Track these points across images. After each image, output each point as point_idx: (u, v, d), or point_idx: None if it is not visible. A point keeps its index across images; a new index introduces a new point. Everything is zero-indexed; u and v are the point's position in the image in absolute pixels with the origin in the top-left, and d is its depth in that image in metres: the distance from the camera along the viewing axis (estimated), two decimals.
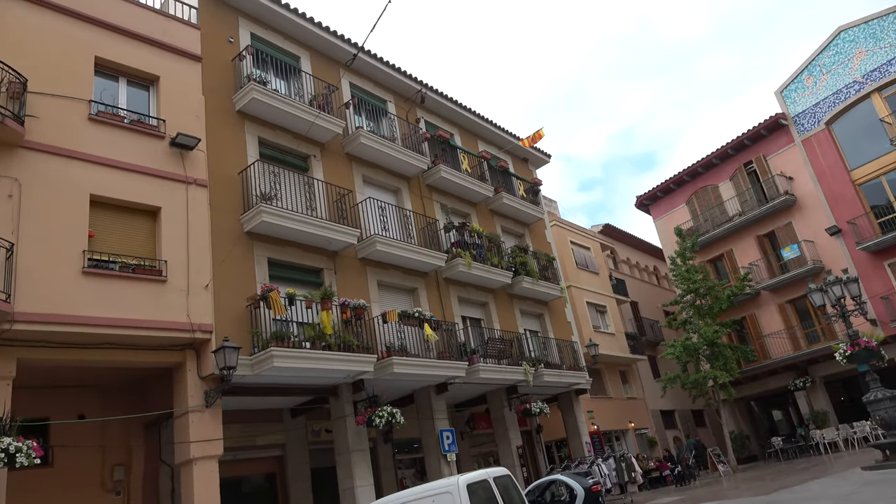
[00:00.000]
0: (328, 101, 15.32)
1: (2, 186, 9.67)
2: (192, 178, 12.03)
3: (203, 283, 11.41)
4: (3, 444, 8.10)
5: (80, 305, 9.86)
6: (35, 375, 10.13)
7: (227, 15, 14.60)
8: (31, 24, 10.96)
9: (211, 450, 10.76)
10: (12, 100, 10.07)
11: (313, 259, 13.85)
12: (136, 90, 12.42)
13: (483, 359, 16.38)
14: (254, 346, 11.62)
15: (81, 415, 11.60)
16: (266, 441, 14.80)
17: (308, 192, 14.24)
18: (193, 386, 10.99)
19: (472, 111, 21.27)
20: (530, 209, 22.02)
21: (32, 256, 9.59)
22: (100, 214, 10.71)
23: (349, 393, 13.68)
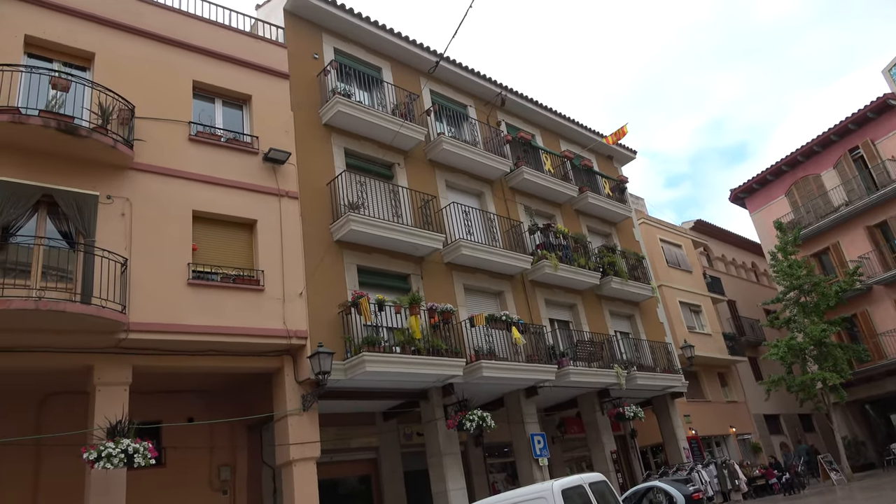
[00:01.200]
0: (410, 109, 15.57)
1: (115, 206, 10.44)
2: (284, 190, 12.55)
3: (297, 290, 11.86)
4: (123, 446, 8.72)
5: (186, 315, 10.49)
6: (148, 381, 10.83)
7: (312, 32, 15.14)
8: (136, 54, 11.79)
9: (309, 452, 11.14)
10: (122, 126, 10.87)
11: (400, 265, 14.09)
12: (230, 110, 13.11)
13: (573, 362, 16.10)
14: (346, 352, 11.94)
15: (190, 417, 12.31)
16: (360, 444, 15.18)
17: (393, 199, 14.51)
18: (291, 390, 11.43)
19: (553, 111, 21.02)
20: (617, 207, 21.48)
21: (143, 270, 10.29)
22: (202, 228, 11.36)
23: (439, 397, 13.80)
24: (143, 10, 12.31)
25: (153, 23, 12.28)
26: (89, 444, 8.99)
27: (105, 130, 10.33)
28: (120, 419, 9.27)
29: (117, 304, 9.63)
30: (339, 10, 15.25)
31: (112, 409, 9.53)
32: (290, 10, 14.83)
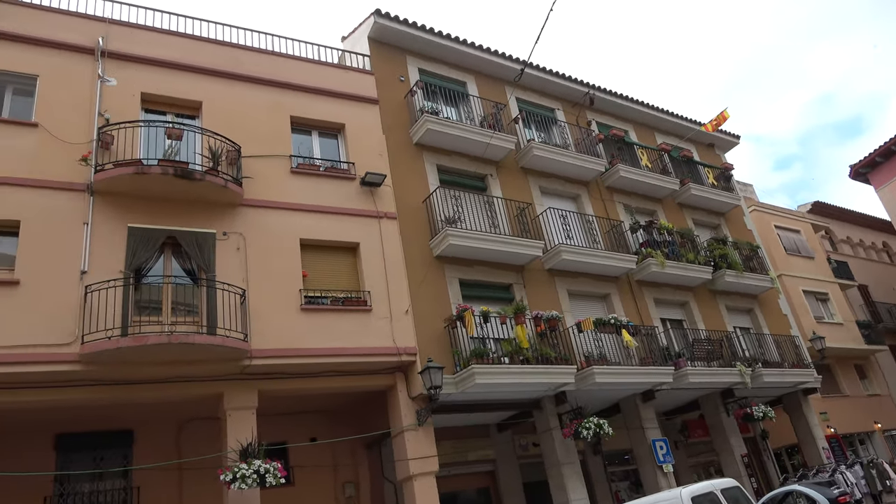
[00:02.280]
0: (497, 119, 15.61)
1: (231, 241, 11.14)
2: (382, 212, 12.92)
3: (403, 308, 12.12)
4: (255, 466, 9.21)
5: (301, 339, 10.98)
6: (272, 404, 11.41)
7: (396, 56, 15.56)
8: (238, 98, 12.61)
9: (428, 466, 11.29)
10: (231, 166, 11.62)
11: (501, 275, 14.07)
12: (326, 140, 13.70)
13: (690, 362, 15.37)
14: (455, 365, 12.03)
15: (313, 437, 12.83)
16: (476, 456, 15.19)
17: (489, 210, 14.55)
18: (405, 406, 11.66)
19: (645, 104, 20.37)
20: (723, 197, 20.42)
21: (260, 299, 10.89)
22: (309, 255, 11.89)
23: (552, 405, 13.59)
24: (240, 56, 13.16)
25: (251, 67, 13.09)
26: (224, 466, 9.57)
27: (216, 172, 11.08)
28: (250, 441, 9.81)
29: (240, 333, 10.23)
30: (421, 31, 15.59)
31: (242, 432, 10.10)
32: (374, 37, 15.33)
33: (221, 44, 13.14)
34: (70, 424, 11.18)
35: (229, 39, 13.38)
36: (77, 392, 9.61)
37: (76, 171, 10.42)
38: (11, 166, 10.08)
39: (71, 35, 11.57)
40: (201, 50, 12.78)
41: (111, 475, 11.40)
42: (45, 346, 9.18)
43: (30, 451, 10.88)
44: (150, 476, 11.23)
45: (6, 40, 11.02)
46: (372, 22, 15.15)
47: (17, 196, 9.93)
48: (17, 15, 11.32)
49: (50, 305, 9.43)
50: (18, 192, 9.95)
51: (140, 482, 11.32)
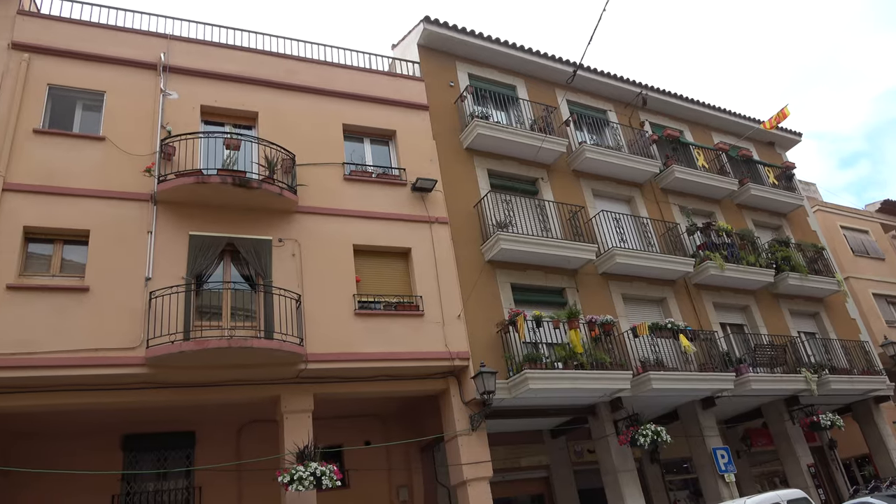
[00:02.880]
0: (548, 122, 15.49)
1: (286, 248, 11.40)
2: (434, 217, 12.98)
3: (455, 313, 12.13)
4: (311, 469, 9.37)
5: (355, 343, 11.12)
6: (328, 407, 11.59)
7: (446, 62, 15.64)
8: (292, 108, 12.92)
9: (481, 471, 11.24)
10: (286, 174, 11.89)
11: (554, 279, 13.93)
12: (378, 146, 13.87)
13: (752, 368, 14.85)
14: (508, 370, 11.96)
15: (367, 441, 12.97)
16: (530, 462, 15.05)
17: (540, 214, 14.44)
18: (458, 410, 11.65)
19: (700, 103, 19.84)
20: (785, 197, 19.69)
21: (315, 304, 11.09)
22: (362, 260, 12.05)
23: (608, 412, 13.35)
24: (295, 67, 13.48)
25: (305, 77, 13.39)
26: (282, 468, 9.77)
27: (272, 180, 11.36)
28: (307, 444, 9.99)
29: (296, 337, 10.44)
30: (469, 36, 15.63)
31: (299, 434, 10.30)
32: (423, 44, 15.46)
33: (276, 56, 13.49)
34: (136, 425, 11.62)
35: (283, 51, 13.73)
36: (142, 394, 9.99)
37: (141, 182, 10.86)
38: (81, 178, 10.59)
39: (135, 52, 12.09)
40: (257, 62, 13.15)
41: (174, 475, 11.79)
42: (113, 350, 9.57)
43: (99, 451, 11.36)
44: (211, 476, 11.56)
45: (77, 59, 11.60)
46: (421, 29, 15.29)
47: (87, 206, 10.42)
48: (87, 35, 11.90)
49: (117, 311, 9.84)
50: (88, 203, 10.44)
51: (202, 482, 11.67)
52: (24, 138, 10.58)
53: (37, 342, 9.24)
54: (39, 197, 10.23)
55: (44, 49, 11.43)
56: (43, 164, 10.49)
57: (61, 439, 11.21)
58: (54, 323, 9.44)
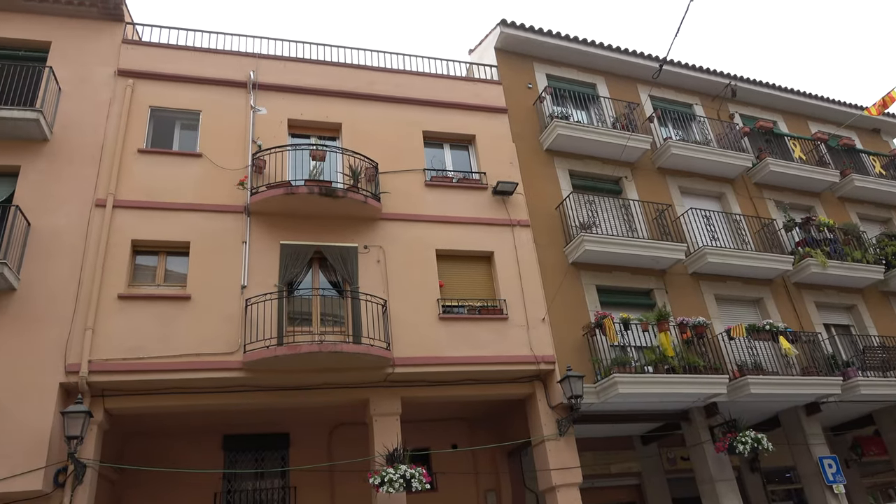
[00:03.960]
0: (631, 119, 15.09)
1: (371, 254, 11.66)
2: (515, 220, 12.92)
3: (540, 316, 12.01)
4: (401, 471, 9.50)
5: (440, 347, 11.21)
6: (415, 411, 11.72)
7: (523, 64, 15.56)
8: (374, 117, 13.24)
9: (570, 477, 11.05)
10: (369, 182, 12.17)
11: (641, 280, 13.53)
12: (457, 151, 13.97)
13: (861, 372, 13.84)
14: (596, 374, 11.71)
15: (454, 444, 13.03)
16: (620, 469, 14.65)
17: (625, 213, 14.08)
18: (545, 415, 11.51)
19: (794, 91, 18.74)
20: (894, 187, 18.27)
21: (400, 309, 11.28)
22: (445, 265, 12.15)
23: (702, 417, 12.81)
24: (374, 77, 13.80)
25: (384, 87, 13.69)
26: (373, 470, 9.97)
27: (356, 189, 11.65)
28: (396, 447, 10.15)
29: (383, 342, 10.65)
30: (547, 37, 15.48)
31: (388, 437, 10.49)
32: (500, 47, 15.45)
33: (356, 67, 13.86)
34: (235, 427, 12.19)
35: (363, 63, 14.09)
36: (241, 397, 10.47)
37: (235, 195, 11.43)
38: (181, 193, 11.26)
39: (227, 72, 12.75)
40: (338, 75, 13.55)
41: (271, 475, 12.27)
42: (213, 355, 10.09)
43: (202, 451, 12.00)
44: (304, 477, 11.95)
45: (175, 81, 12.36)
46: (498, 32, 15.28)
47: (187, 220, 11.07)
48: (183, 58, 12.67)
49: (216, 318, 10.37)
50: (188, 216, 11.09)
51: (296, 482, 12.09)
52: (130, 158, 11.36)
53: (145, 348, 9.88)
54: (145, 212, 10.95)
55: (146, 74, 12.25)
56: (147, 182, 11.23)
57: (168, 439, 11.91)
58: (160, 330, 10.06)
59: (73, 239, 10.38)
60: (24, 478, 8.65)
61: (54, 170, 10.87)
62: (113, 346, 9.78)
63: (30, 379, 9.25)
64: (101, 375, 9.58)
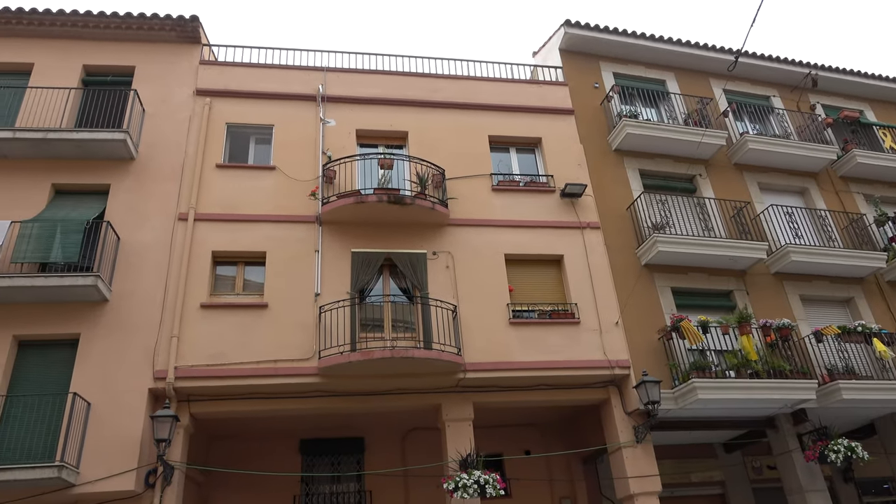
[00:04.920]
0: (704, 115, 14.58)
1: (440, 260, 11.72)
2: (585, 222, 12.70)
3: (613, 320, 11.74)
4: (475, 477, 9.47)
5: (511, 353, 11.13)
6: (487, 416, 11.67)
7: (589, 64, 15.31)
8: (439, 124, 13.35)
9: (649, 486, 10.72)
10: (436, 188, 12.26)
11: (719, 282, 13.01)
12: (524, 155, 13.88)
13: None
14: (673, 379, 11.33)
15: (527, 450, 12.89)
16: (701, 478, 14.10)
17: (700, 212, 13.60)
18: (621, 421, 11.21)
19: (882, 77, 17.61)
20: None
21: (470, 314, 11.28)
22: (514, 269, 12.07)
23: (789, 424, 12.17)
24: (439, 85, 13.92)
25: (449, 93, 13.79)
26: (447, 475, 9.98)
27: (424, 195, 11.76)
28: (469, 452, 10.13)
29: (453, 347, 10.67)
30: (613, 35, 15.20)
31: (461, 442, 10.49)
32: (565, 48, 15.27)
33: (421, 76, 14.02)
34: (312, 431, 12.48)
35: (427, 71, 14.23)
36: (316, 402, 10.71)
37: (307, 205, 11.75)
38: (258, 205, 11.68)
39: (297, 86, 13.18)
40: (403, 84, 13.75)
41: (347, 478, 12.49)
42: (290, 361, 10.39)
43: (281, 454, 12.34)
44: (379, 481, 12.12)
45: (249, 98, 12.87)
46: (562, 33, 15.12)
47: (263, 230, 11.47)
48: (256, 76, 13.20)
49: (292, 325, 10.68)
50: (264, 227, 11.49)
51: (371, 486, 12.25)
52: (209, 173, 11.88)
53: (226, 354, 10.28)
54: (223, 224, 11.43)
55: (222, 92, 12.82)
56: (225, 195, 11.72)
57: (249, 442, 12.33)
58: (239, 337, 10.45)
59: (158, 251, 10.94)
60: (119, 478, 9.14)
61: (140, 187, 11.50)
62: (197, 353, 10.23)
63: (122, 385, 9.80)
64: (186, 381, 10.03)
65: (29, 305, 10.12)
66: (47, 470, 8.57)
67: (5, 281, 9.73)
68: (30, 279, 9.83)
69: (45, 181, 11.29)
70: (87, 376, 9.75)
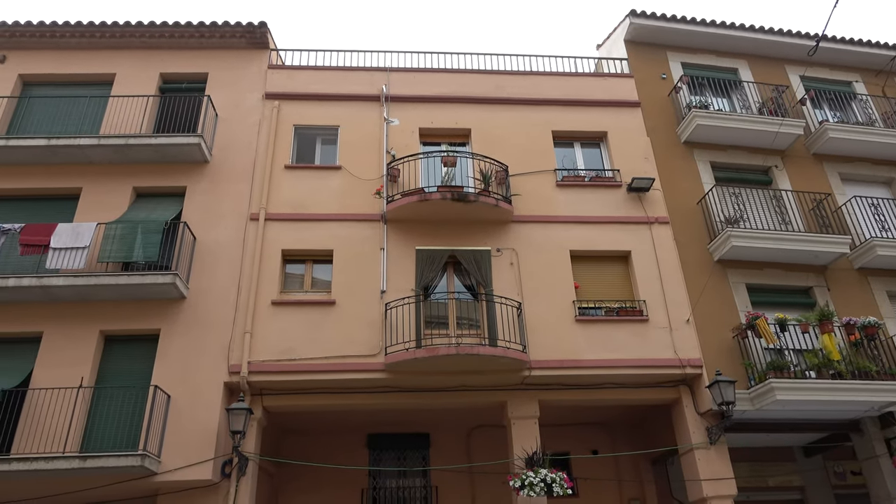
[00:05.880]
0: (779, 103, 13.94)
1: (504, 257, 11.67)
2: (653, 217, 12.37)
3: (683, 317, 11.39)
4: (541, 475, 9.38)
5: (577, 350, 10.96)
6: (553, 414, 11.55)
7: (655, 54, 14.89)
8: (502, 120, 13.29)
9: (723, 489, 10.35)
10: (500, 185, 12.21)
11: (798, 277, 12.41)
12: (588, 150, 13.63)
13: None
14: (749, 379, 10.89)
15: (595, 450, 12.67)
16: (778, 482, 13.47)
17: (776, 205, 13.01)
18: (693, 422, 10.87)
19: None
20: None
21: (535, 311, 11.18)
22: (580, 266, 11.87)
23: (876, 428, 11.50)
24: (502, 81, 13.85)
25: (512, 90, 13.70)
26: (513, 473, 9.93)
27: (488, 193, 11.73)
28: (535, 450, 10.05)
29: (518, 344, 10.60)
30: (681, 23, 14.72)
31: (526, 440, 10.42)
32: (630, 39, 14.91)
33: (483, 73, 13.98)
34: (378, 426, 12.67)
35: (490, 67, 14.18)
36: (383, 397, 10.87)
37: (372, 204, 11.93)
38: (325, 204, 11.95)
39: (362, 87, 13.39)
40: (466, 81, 13.75)
41: (413, 473, 12.62)
42: (357, 357, 10.58)
43: (349, 449, 12.57)
44: (444, 477, 12.19)
45: (315, 100, 13.17)
46: (627, 24, 14.76)
47: (330, 229, 11.71)
48: (322, 78, 13.50)
49: (359, 321, 10.87)
50: (331, 226, 11.73)
51: (437, 482, 12.34)
52: (278, 174, 12.23)
53: (296, 350, 10.56)
54: (292, 224, 11.74)
55: (289, 95, 13.17)
56: (293, 195, 12.04)
57: (319, 436, 12.63)
58: (308, 333, 10.71)
59: (231, 250, 11.34)
60: (197, 468, 9.54)
61: (214, 188, 11.95)
62: (268, 349, 10.55)
63: (199, 378, 10.22)
64: (259, 375, 10.37)
65: (113, 302, 10.69)
66: (131, 458, 9.02)
67: (93, 279, 10.31)
68: (114, 277, 10.38)
69: (127, 185, 11.89)
70: (166, 370, 10.22)
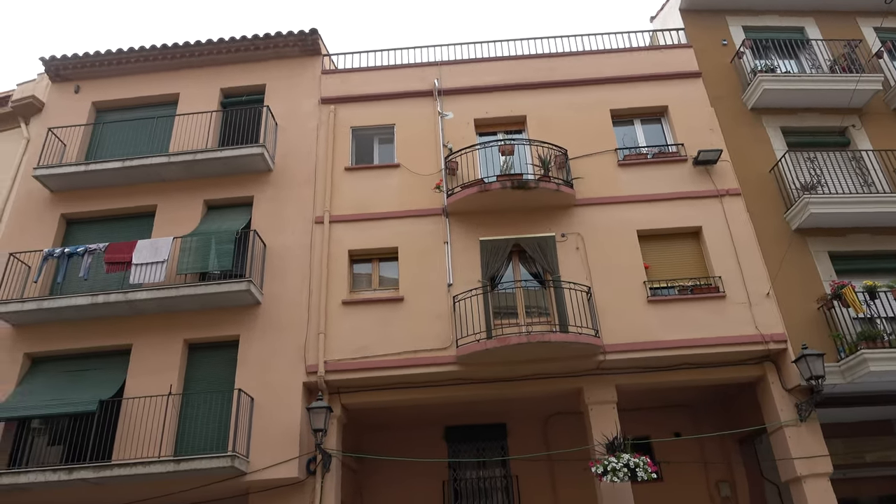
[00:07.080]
0: (852, 59, 13.14)
1: (569, 241, 11.50)
2: (723, 190, 11.91)
3: (763, 291, 10.93)
4: (624, 460, 9.21)
5: (651, 332, 10.70)
6: (632, 398, 11.32)
7: (714, 20, 14.29)
8: (558, 104, 13.08)
9: (818, 467, 9.90)
10: (560, 170, 12.02)
11: (886, 241, 11.68)
12: (649, 126, 13.24)
13: None
14: (839, 351, 10.36)
15: (677, 432, 12.33)
16: (878, 458, 12.73)
17: (857, 167, 12.30)
18: (780, 399, 10.43)
19: None
20: None
21: (605, 295, 10.98)
22: (648, 246, 11.58)
23: None
24: (554, 64, 13.63)
25: (566, 72, 13.46)
26: (594, 459, 9.79)
27: (548, 178, 11.57)
28: (616, 435, 9.88)
29: (590, 329, 10.44)
30: None
31: (605, 426, 10.26)
32: (686, 7, 14.37)
33: (535, 57, 13.78)
34: (455, 418, 12.74)
35: (541, 51, 13.98)
36: (456, 390, 10.91)
37: (433, 198, 11.98)
38: (387, 202, 12.08)
39: (414, 84, 13.45)
40: (518, 67, 13.59)
41: (492, 464, 12.64)
42: (428, 351, 10.67)
43: (427, 442, 12.72)
44: (523, 466, 12.15)
45: (370, 101, 13.33)
46: None
47: (393, 227, 11.84)
48: (375, 78, 13.66)
49: (427, 316, 10.95)
50: (394, 224, 11.86)
51: (517, 471, 12.32)
52: (339, 176, 12.45)
53: (368, 347, 10.75)
54: (356, 224, 11.93)
55: (344, 98, 13.37)
56: (355, 196, 12.23)
57: (397, 431, 12.81)
58: (379, 330, 10.88)
59: (300, 254, 11.63)
60: (284, 466, 9.87)
61: (279, 195, 12.28)
62: (342, 348, 10.78)
63: (279, 380, 10.55)
64: (335, 374, 10.61)
65: (194, 312, 11.16)
66: (222, 459, 9.41)
67: (173, 291, 10.79)
68: (193, 288, 10.83)
69: (198, 198, 12.37)
70: (248, 373, 10.59)
